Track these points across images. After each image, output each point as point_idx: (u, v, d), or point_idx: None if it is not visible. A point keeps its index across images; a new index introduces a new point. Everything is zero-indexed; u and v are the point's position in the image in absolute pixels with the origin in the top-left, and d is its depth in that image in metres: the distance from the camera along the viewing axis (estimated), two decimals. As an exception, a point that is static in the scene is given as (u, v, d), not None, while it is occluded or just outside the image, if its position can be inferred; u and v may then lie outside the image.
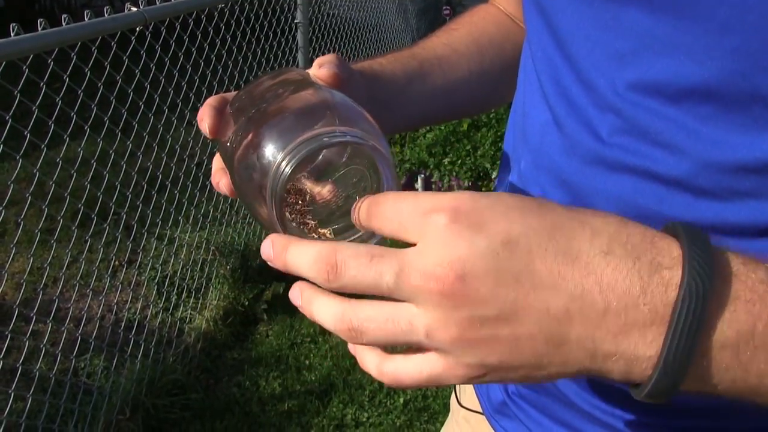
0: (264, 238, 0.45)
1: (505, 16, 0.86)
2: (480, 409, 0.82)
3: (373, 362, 0.45)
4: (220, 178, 0.57)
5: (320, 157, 0.49)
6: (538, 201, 0.40)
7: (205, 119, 0.56)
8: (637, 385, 0.39)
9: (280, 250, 0.43)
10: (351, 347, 0.46)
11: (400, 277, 0.38)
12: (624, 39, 0.53)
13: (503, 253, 0.37)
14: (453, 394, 0.90)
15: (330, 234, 0.49)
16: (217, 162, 0.59)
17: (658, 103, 0.52)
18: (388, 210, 0.42)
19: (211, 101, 0.57)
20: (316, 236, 0.49)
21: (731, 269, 0.37)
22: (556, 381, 0.66)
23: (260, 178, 0.47)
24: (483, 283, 0.37)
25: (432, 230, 0.38)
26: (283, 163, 0.45)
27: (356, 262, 0.39)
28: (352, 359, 2.62)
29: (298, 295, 0.44)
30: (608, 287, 0.36)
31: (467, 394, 0.87)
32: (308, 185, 0.50)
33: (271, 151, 0.46)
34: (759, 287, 0.36)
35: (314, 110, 0.49)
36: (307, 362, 2.65)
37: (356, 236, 0.49)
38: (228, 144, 0.52)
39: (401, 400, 2.43)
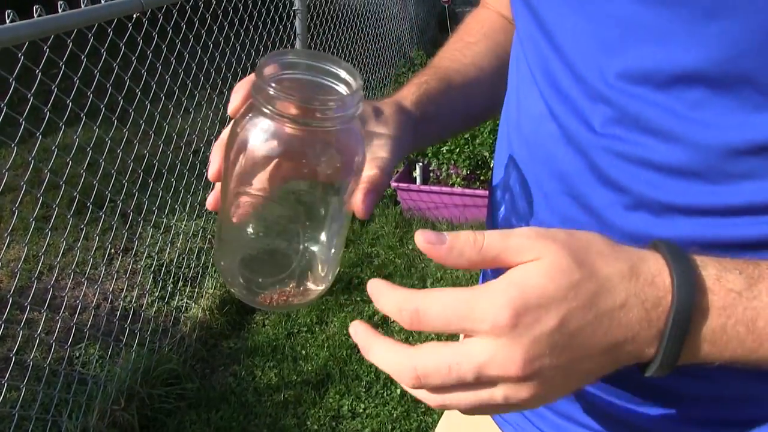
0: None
1: (506, 21, 0.86)
2: None
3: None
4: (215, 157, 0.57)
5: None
6: (574, 283, 0.44)
7: (234, 98, 0.56)
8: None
9: (364, 346, 0.48)
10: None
11: (479, 376, 0.43)
12: (610, 28, 0.54)
13: (558, 335, 0.43)
14: None
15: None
16: (217, 149, 0.58)
17: (648, 91, 0.53)
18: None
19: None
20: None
21: (707, 286, 0.46)
22: None
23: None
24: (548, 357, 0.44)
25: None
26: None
27: (438, 375, 0.44)
28: (349, 349, 2.62)
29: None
30: (628, 326, 0.46)
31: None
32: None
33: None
34: (728, 296, 0.46)
35: None
36: (303, 352, 2.64)
37: None
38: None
39: (398, 391, 2.43)
